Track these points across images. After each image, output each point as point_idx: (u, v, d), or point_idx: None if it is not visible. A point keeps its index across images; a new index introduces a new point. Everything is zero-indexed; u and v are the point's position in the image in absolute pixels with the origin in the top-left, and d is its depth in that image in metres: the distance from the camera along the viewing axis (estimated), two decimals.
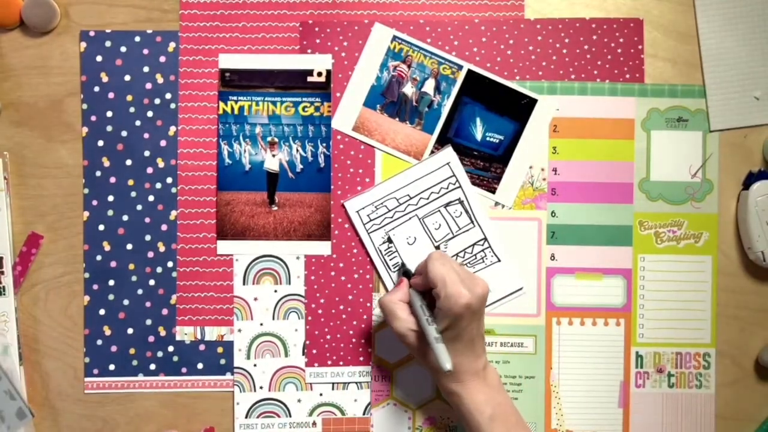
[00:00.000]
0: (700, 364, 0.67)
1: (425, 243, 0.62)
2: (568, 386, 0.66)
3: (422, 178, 0.61)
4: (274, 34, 0.66)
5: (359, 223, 0.61)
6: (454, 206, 0.62)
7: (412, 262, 0.61)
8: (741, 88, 0.66)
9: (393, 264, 0.62)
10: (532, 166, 0.66)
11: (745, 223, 0.65)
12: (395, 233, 0.62)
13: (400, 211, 0.61)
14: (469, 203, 0.62)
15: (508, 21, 0.66)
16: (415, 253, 0.62)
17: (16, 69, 0.65)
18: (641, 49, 0.67)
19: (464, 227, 0.62)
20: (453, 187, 0.62)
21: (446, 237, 0.62)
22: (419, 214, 0.62)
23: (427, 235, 0.62)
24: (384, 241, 0.62)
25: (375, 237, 0.61)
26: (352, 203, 0.60)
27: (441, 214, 0.62)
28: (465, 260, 0.61)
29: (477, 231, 0.62)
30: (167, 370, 0.66)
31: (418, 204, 0.61)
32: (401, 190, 0.61)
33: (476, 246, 0.62)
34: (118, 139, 0.66)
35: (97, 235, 0.66)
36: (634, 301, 0.66)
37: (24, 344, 0.65)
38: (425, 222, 0.62)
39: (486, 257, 0.62)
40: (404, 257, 0.62)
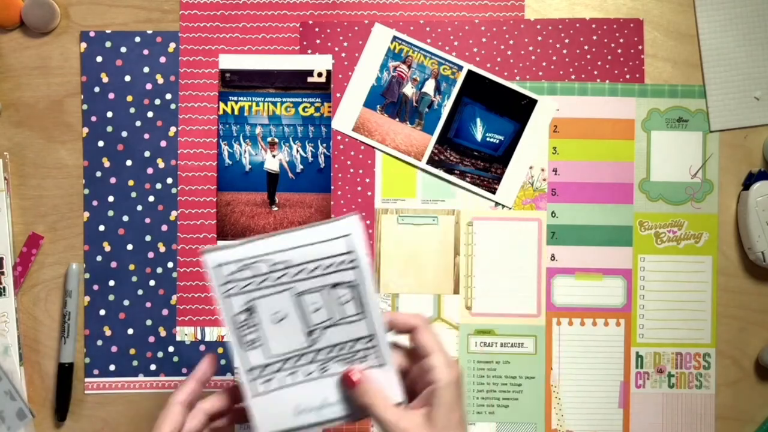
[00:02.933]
0: (700, 364, 0.67)
1: (295, 326, 0.49)
2: (568, 386, 0.66)
3: (311, 245, 0.48)
4: (274, 34, 0.66)
5: (216, 281, 0.48)
6: (342, 289, 0.49)
7: (272, 343, 0.49)
8: (741, 88, 0.66)
9: (248, 341, 0.49)
10: (532, 166, 0.66)
11: (745, 223, 0.65)
12: (260, 305, 0.49)
13: (271, 280, 0.48)
14: (364, 290, 0.48)
15: (508, 21, 0.66)
16: (279, 335, 0.49)
17: (17, 69, 0.65)
18: (641, 49, 0.67)
19: (350, 317, 0.49)
20: (347, 267, 0.48)
21: (324, 323, 0.49)
22: (295, 289, 0.49)
23: (299, 316, 0.49)
24: (242, 311, 0.48)
25: (232, 303, 0.48)
26: (213, 256, 0.47)
27: (324, 295, 0.49)
28: (339, 357, 0.49)
29: (365, 325, 0.49)
30: (167, 370, 0.66)
31: (297, 276, 0.48)
32: (280, 254, 0.48)
33: (359, 342, 0.49)
34: (118, 140, 0.66)
35: (97, 236, 0.66)
36: (634, 301, 0.66)
37: (24, 344, 0.65)
38: (302, 300, 0.49)
39: (368, 358, 0.49)
40: (264, 336, 0.49)
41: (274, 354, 0.49)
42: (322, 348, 0.50)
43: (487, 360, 0.66)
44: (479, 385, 0.66)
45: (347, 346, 0.50)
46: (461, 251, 0.66)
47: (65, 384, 0.64)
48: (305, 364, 0.50)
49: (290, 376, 0.49)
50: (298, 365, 0.50)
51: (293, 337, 0.49)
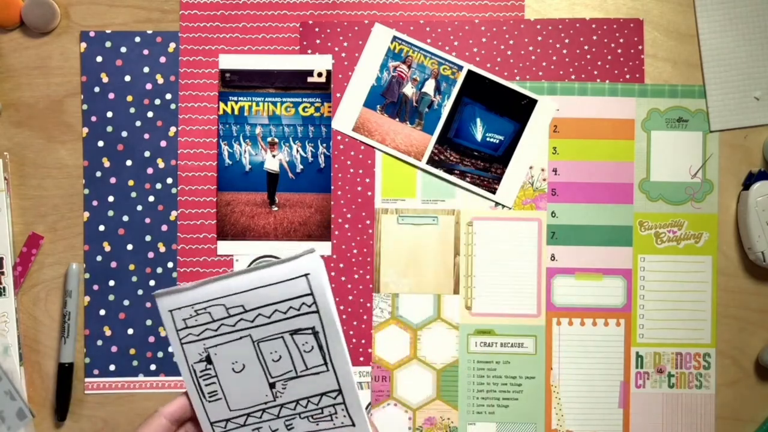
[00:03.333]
0: (701, 364, 0.67)
1: (256, 377, 0.44)
2: (568, 386, 0.66)
3: (267, 287, 0.43)
4: (274, 34, 0.66)
5: (171, 327, 0.44)
6: (304, 336, 0.44)
7: (233, 395, 0.45)
8: (741, 88, 0.66)
9: (209, 392, 0.44)
10: (532, 166, 0.66)
11: (745, 223, 0.65)
12: (218, 353, 0.44)
13: (228, 325, 0.44)
14: (326, 337, 0.44)
15: (508, 21, 0.66)
16: (240, 387, 0.44)
17: (17, 69, 0.65)
18: (641, 49, 0.67)
19: (313, 368, 0.44)
20: (307, 310, 0.43)
21: (286, 374, 0.44)
22: (254, 336, 0.44)
23: (261, 365, 0.44)
24: (200, 360, 0.44)
25: (190, 350, 0.44)
26: (166, 301, 0.44)
27: (284, 342, 0.44)
28: (305, 413, 0.45)
29: (330, 378, 0.44)
30: (167, 370, 0.66)
31: (255, 321, 0.44)
32: (236, 297, 0.44)
33: (326, 397, 0.44)
34: (118, 140, 0.66)
35: (97, 236, 0.66)
36: (634, 301, 0.66)
37: (24, 344, 0.65)
38: (260, 347, 0.44)
39: (336, 416, 0.45)
40: (224, 387, 0.45)
41: (236, 408, 0.45)
42: (285, 403, 0.45)
43: (487, 360, 0.66)
44: (479, 386, 0.66)
45: (313, 401, 0.45)
46: (461, 251, 0.66)
47: (65, 384, 0.64)
48: (270, 419, 0.45)
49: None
50: (262, 420, 0.45)
51: (255, 390, 0.45)
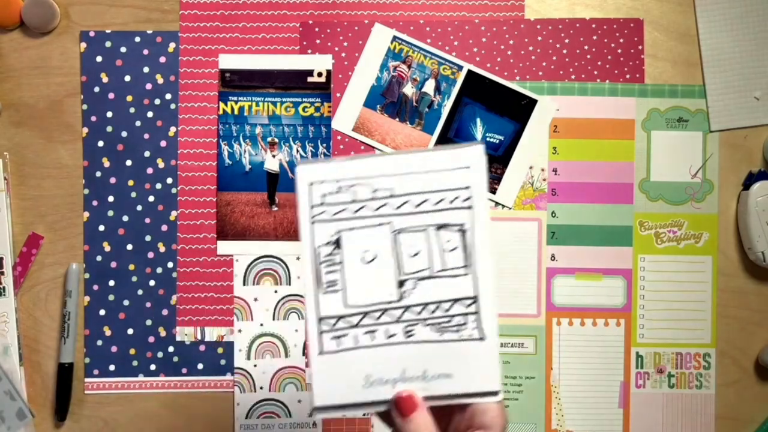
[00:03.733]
0: (701, 364, 0.67)
1: (385, 271, 0.40)
2: (568, 387, 0.66)
3: (422, 174, 0.40)
4: (274, 34, 0.66)
5: (306, 202, 0.40)
6: (450, 233, 0.40)
7: (354, 289, 0.40)
8: (741, 88, 0.66)
9: (327, 281, 0.40)
10: (532, 166, 0.66)
11: (746, 223, 0.65)
12: (350, 238, 0.40)
13: (370, 209, 0.40)
14: (474, 237, 0.40)
15: (508, 21, 0.66)
16: (364, 280, 0.40)
17: (17, 69, 0.65)
18: (641, 49, 0.66)
19: (452, 270, 0.40)
20: (460, 205, 0.40)
21: (420, 273, 0.40)
22: (395, 224, 0.40)
23: (394, 258, 0.40)
24: (328, 243, 0.40)
25: (319, 231, 0.40)
26: (308, 171, 0.40)
27: (427, 236, 0.40)
28: (431, 320, 0.40)
29: (468, 283, 0.40)
30: (167, 370, 0.66)
31: (400, 209, 0.40)
32: (385, 180, 0.40)
33: (458, 304, 0.40)
34: (118, 140, 0.66)
35: (97, 236, 0.66)
36: (635, 301, 0.66)
37: (24, 345, 0.65)
38: (398, 239, 0.40)
39: (465, 326, 0.40)
40: (347, 278, 0.40)
41: (354, 304, 0.40)
42: (412, 305, 0.40)
43: None
44: None
45: (443, 307, 0.40)
46: None
47: (65, 384, 0.64)
48: (389, 322, 0.40)
49: (368, 336, 0.40)
50: (379, 323, 0.40)
51: (381, 286, 0.40)
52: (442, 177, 0.40)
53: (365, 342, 0.40)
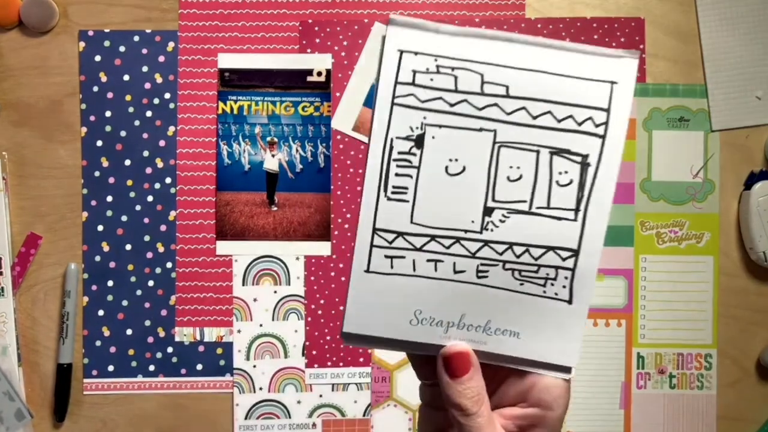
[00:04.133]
0: (702, 364, 0.66)
1: (475, 188, 0.31)
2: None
3: (553, 76, 0.31)
4: (273, 33, 0.66)
5: (391, 75, 0.31)
6: (568, 162, 0.31)
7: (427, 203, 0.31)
8: (742, 87, 0.66)
9: (395, 186, 0.32)
10: None
11: (747, 223, 0.64)
12: (437, 137, 0.31)
13: (473, 105, 0.31)
14: (596, 176, 0.31)
15: (508, 20, 0.66)
16: (444, 194, 0.31)
17: (15, 69, 0.65)
18: (642, 48, 0.66)
19: (558, 210, 0.32)
20: (591, 130, 0.31)
21: (516, 204, 0.32)
22: (500, 134, 0.31)
23: (488, 177, 0.31)
24: (408, 137, 0.31)
25: (400, 117, 0.31)
26: (401, 34, 0.31)
27: (537, 159, 0.31)
28: (513, 265, 0.32)
29: (573, 231, 0.32)
30: (166, 371, 0.66)
31: (512, 115, 0.31)
32: (504, 72, 0.31)
33: (553, 254, 0.32)
34: (117, 139, 0.65)
35: (96, 236, 0.65)
36: (636, 301, 0.66)
37: (23, 345, 0.65)
38: (500, 154, 0.31)
39: (553, 283, 0.32)
40: (422, 187, 0.31)
41: (423, 222, 0.32)
42: (495, 241, 0.32)
43: None
44: None
45: (533, 252, 0.32)
46: None
47: (64, 385, 0.64)
48: (461, 255, 0.32)
49: (430, 264, 0.32)
50: (449, 252, 0.32)
51: (462, 208, 0.32)
52: (576, 87, 0.31)
53: (426, 271, 0.32)
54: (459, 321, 0.33)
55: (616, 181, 0.32)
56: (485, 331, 0.33)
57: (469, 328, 0.33)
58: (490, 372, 0.33)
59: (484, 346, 0.33)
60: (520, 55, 0.31)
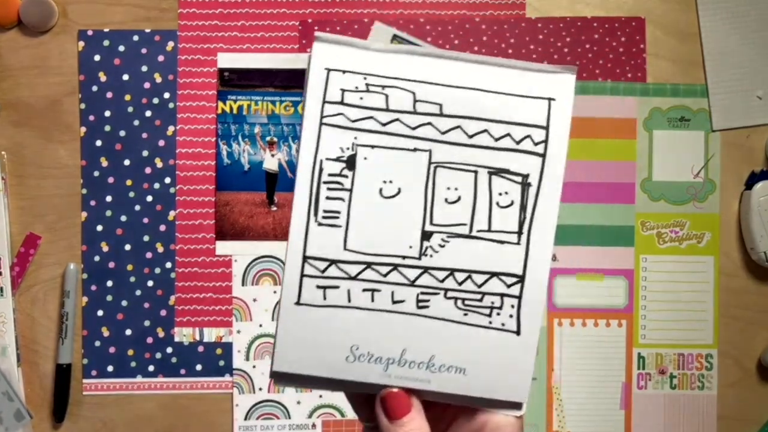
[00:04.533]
0: (702, 365, 0.66)
1: (411, 212, 0.29)
2: (569, 387, 0.66)
3: (488, 93, 0.29)
4: (273, 33, 0.66)
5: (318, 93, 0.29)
6: (508, 182, 0.30)
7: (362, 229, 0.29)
8: (743, 87, 0.66)
9: (327, 211, 0.29)
10: None
11: (748, 223, 0.64)
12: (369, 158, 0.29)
13: (405, 125, 0.29)
14: (538, 196, 0.30)
15: (509, 20, 0.66)
16: (378, 218, 0.29)
17: (14, 69, 0.65)
18: (643, 48, 0.66)
19: (499, 233, 0.30)
20: (530, 148, 0.30)
21: (455, 227, 0.30)
22: (435, 154, 0.29)
23: (424, 200, 0.30)
24: (339, 158, 0.29)
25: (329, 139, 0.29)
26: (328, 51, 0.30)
27: (475, 180, 0.29)
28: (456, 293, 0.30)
29: (517, 256, 0.30)
30: (166, 371, 0.65)
31: (447, 135, 0.29)
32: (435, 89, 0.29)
33: (497, 280, 0.30)
34: (116, 139, 0.65)
35: (95, 236, 0.65)
36: (636, 301, 0.66)
37: (22, 345, 0.65)
38: (436, 174, 0.29)
39: (499, 312, 0.30)
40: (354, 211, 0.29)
41: (357, 249, 0.30)
42: (435, 267, 0.30)
43: None
44: None
45: (476, 279, 0.30)
46: None
47: (63, 385, 0.64)
48: (399, 283, 0.30)
49: (366, 294, 0.30)
50: (386, 281, 0.30)
51: (398, 233, 0.29)
52: (513, 104, 0.29)
53: (362, 302, 0.30)
54: (400, 357, 0.30)
55: (559, 201, 0.31)
56: (429, 368, 0.31)
57: (411, 365, 0.30)
58: (438, 410, 0.31)
59: (428, 385, 0.31)
60: (453, 72, 0.30)
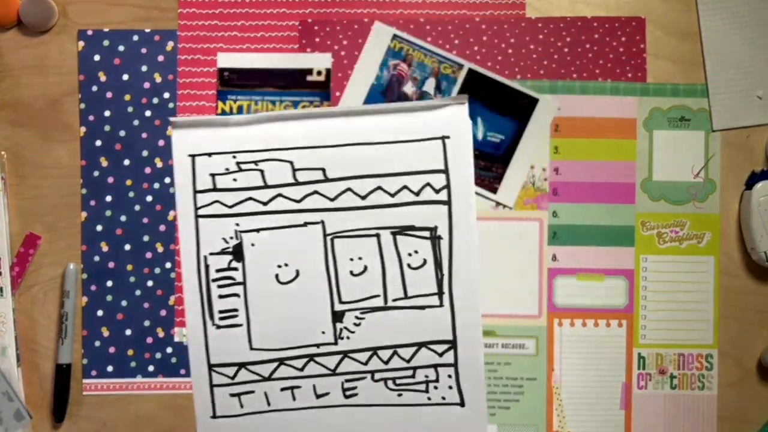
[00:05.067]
0: (703, 365, 0.66)
1: (315, 294, 0.24)
2: (569, 388, 0.66)
3: (374, 146, 0.24)
4: (273, 32, 0.66)
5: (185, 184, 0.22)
6: (415, 240, 0.24)
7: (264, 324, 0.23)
8: (744, 87, 0.66)
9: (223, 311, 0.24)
10: (533, 165, 0.66)
11: (748, 223, 0.64)
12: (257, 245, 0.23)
13: (290, 199, 0.24)
14: (452, 249, 0.24)
15: (509, 19, 0.66)
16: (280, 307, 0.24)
17: (14, 68, 0.65)
18: (643, 48, 0.66)
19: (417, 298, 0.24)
20: (433, 198, 0.24)
21: (367, 301, 0.24)
22: (328, 225, 0.24)
23: (327, 277, 0.24)
24: (225, 250, 0.24)
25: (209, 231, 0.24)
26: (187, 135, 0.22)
27: (379, 244, 0.24)
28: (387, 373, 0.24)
29: (443, 319, 0.25)
30: (166, 371, 0.65)
31: (337, 200, 0.24)
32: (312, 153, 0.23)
33: (425, 351, 0.25)
34: (116, 139, 0.65)
35: (95, 236, 0.65)
36: (636, 302, 0.66)
37: (22, 345, 0.65)
38: (335, 247, 0.24)
39: (437, 386, 0.25)
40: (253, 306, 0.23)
41: (265, 346, 0.25)
42: (355, 350, 0.25)
43: (488, 361, 0.65)
44: None
45: (403, 354, 0.25)
46: None
47: (63, 385, 0.64)
48: (319, 375, 0.25)
49: (287, 394, 0.26)
50: (304, 375, 0.25)
51: (306, 320, 0.24)
52: (403, 152, 0.24)
53: (283, 403, 0.25)
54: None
55: (477, 247, 0.26)
56: None
57: None
58: None
59: None
60: (332, 129, 0.25)
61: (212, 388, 0.25)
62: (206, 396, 0.25)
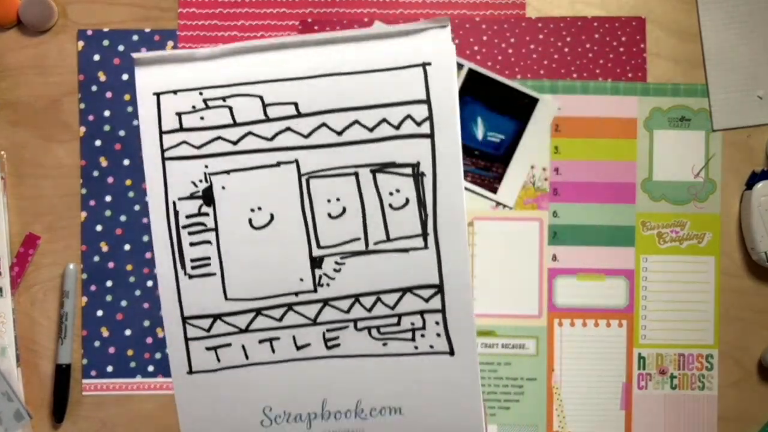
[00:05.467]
0: (703, 365, 0.66)
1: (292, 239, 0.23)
2: (569, 388, 0.66)
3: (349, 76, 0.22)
4: (273, 33, 0.66)
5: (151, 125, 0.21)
6: (397, 178, 0.23)
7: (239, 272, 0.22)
8: (744, 87, 0.66)
9: (195, 259, 0.24)
10: (533, 165, 0.66)
11: (749, 223, 0.64)
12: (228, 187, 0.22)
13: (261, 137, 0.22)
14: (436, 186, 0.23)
15: (509, 19, 0.66)
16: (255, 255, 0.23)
17: (14, 68, 0.65)
18: (643, 47, 0.66)
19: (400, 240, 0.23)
20: (414, 131, 0.23)
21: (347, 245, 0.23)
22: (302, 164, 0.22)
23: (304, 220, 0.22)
24: (194, 194, 0.23)
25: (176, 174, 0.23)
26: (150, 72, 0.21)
27: (357, 183, 0.23)
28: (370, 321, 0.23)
29: (428, 261, 0.23)
30: (166, 371, 0.65)
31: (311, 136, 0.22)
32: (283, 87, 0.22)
33: (410, 297, 0.24)
34: (115, 139, 0.65)
35: (94, 236, 0.65)
36: (637, 302, 0.66)
37: (21, 345, 0.65)
38: (311, 188, 0.23)
39: (424, 334, 0.24)
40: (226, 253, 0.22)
41: (241, 295, 0.24)
42: (336, 297, 0.23)
43: (488, 362, 0.65)
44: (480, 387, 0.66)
45: (386, 300, 0.23)
46: None
47: (63, 385, 0.64)
48: (298, 325, 0.24)
49: (265, 346, 0.24)
50: (283, 325, 0.24)
51: (283, 267, 0.23)
52: (381, 82, 0.22)
53: (261, 356, 0.24)
54: (322, 409, 0.23)
55: (463, 184, 0.24)
56: (358, 416, 0.24)
57: (338, 416, 0.23)
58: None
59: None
60: (302, 60, 0.21)
61: (187, 341, 0.25)
62: (181, 350, 0.24)
